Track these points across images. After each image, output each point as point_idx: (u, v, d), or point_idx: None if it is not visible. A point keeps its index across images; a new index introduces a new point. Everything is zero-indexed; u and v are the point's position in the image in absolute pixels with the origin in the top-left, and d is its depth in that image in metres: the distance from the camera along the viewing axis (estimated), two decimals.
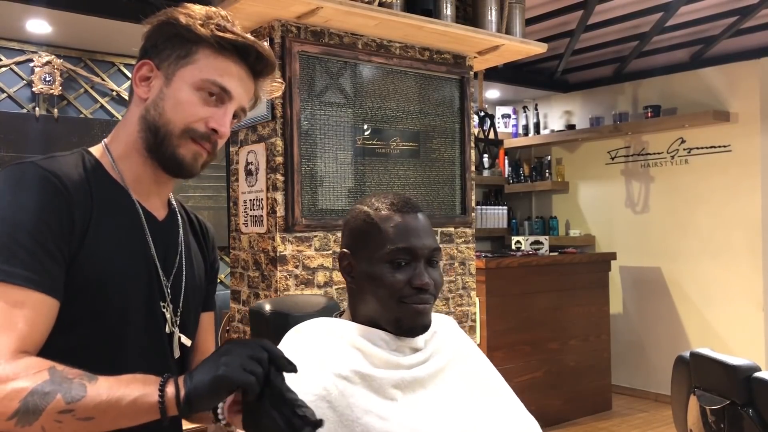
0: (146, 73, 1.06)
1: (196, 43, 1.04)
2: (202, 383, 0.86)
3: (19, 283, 0.89)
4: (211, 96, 1.04)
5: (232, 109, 1.07)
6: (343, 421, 1.07)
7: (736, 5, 3.83)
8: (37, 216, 0.93)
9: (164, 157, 1.05)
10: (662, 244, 5.05)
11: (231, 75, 1.05)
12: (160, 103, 1.04)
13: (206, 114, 1.04)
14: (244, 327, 2.83)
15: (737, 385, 2.02)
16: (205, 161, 1.08)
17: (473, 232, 3.25)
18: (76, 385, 0.84)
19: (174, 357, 1.10)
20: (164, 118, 1.04)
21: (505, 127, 5.95)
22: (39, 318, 0.91)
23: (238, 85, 1.06)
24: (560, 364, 4.46)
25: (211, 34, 1.03)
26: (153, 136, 1.04)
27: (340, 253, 1.25)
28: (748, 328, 4.57)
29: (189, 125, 1.03)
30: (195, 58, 1.04)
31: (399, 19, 2.72)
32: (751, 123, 4.59)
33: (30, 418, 0.83)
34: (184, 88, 1.04)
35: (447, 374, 1.22)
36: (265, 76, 1.12)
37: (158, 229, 1.10)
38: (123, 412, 0.85)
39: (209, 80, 1.04)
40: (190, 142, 1.04)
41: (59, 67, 4.16)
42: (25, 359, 0.86)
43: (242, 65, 1.07)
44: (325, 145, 2.76)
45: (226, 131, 1.05)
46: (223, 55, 1.05)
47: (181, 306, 1.11)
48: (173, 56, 1.05)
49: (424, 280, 1.16)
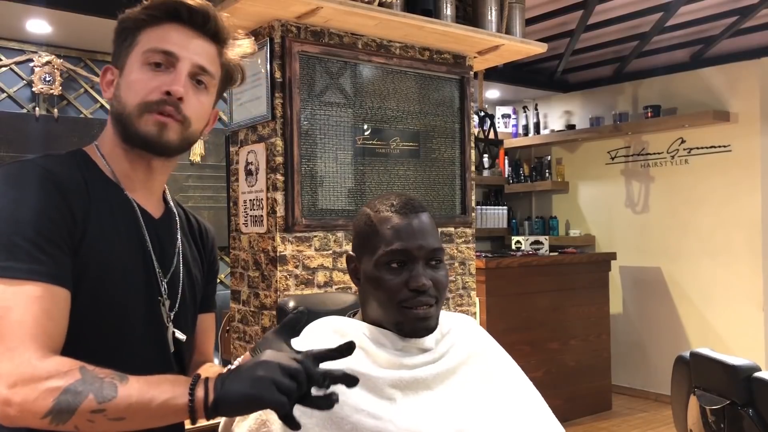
0: (110, 77, 1.10)
1: (137, 28, 1.07)
2: (233, 397, 0.86)
3: (33, 278, 0.90)
4: (158, 66, 1.05)
5: (184, 69, 1.06)
6: (332, 419, 1.06)
7: (736, 5, 3.83)
8: (40, 211, 0.93)
9: (132, 138, 1.06)
10: (662, 244, 5.05)
11: (170, 38, 1.06)
12: (119, 93, 1.07)
13: (157, 82, 1.04)
14: (244, 327, 2.83)
15: (737, 385, 2.02)
16: (178, 132, 1.06)
17: (473, 232, 3.25)
18: (107, 384, 0.85)
19: (170, 351, 1.10)
20: (122, 104, 1.05)
21: (505, 127, 5.95)
22: (57, 310, 0.92)
23: (182, 45, 1.06)
24: (560, 364, 4.46)
25: (141, 11, 1.06)
26: (120, 125, 1.06)
27: (347, 255, 1.25)
28: (748, 328, 4.57)
29: (142, 99, 1.04)
30: (138, 40, 1.07)
31: (399, 19, 2.72)
32: (751, 123, 4.59)
33: (63, 416, 0.84)
34: (133, 69, 1.06)
35: (459, 375, 1.19)
36: (219, 33, 1.11)
37: (155, 227, 1.11)
38: (153, 413, 0.86)
39: (149, 49, 1.05)
40: (147, 114, 1.04)
41: (59, 67, 4.16)
42: (54, 358, 0.87)
43: (182, 27, 1.08)
44: (325, 145, 2.76)
45: (178, 89, 1.04)
46: (160, 26, 1.06)
47: (178, 302, 1.12)
48: (123, 49, 1.08)
49: (420, 281, 1.13)
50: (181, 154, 1.14)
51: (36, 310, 0.89)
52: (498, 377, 1.24)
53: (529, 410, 1.22)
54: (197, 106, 1.08)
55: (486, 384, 1.21)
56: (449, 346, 1.21)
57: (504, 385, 1.23)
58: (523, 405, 1.22)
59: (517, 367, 1.30)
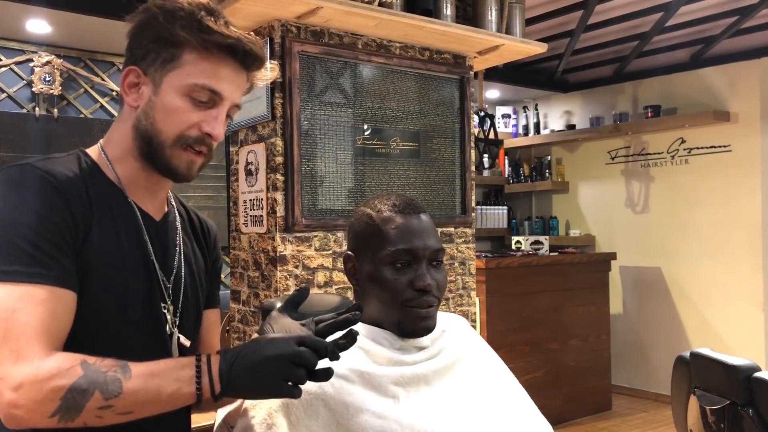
0: (134, 80, 1.04)
1: (181, 46, 1.00)
2: (241, 388, 0.90)
3: (37, 281, 0.90)
4: (201, 101, 1.02)
5: (225, 110, 1.05)
6: (338, 420, 1.07)
7: (736, 5, 3.83)
8: (41, 215, 0.93)
9: (159, 166, 1.05)
10: (662, 244, 5.05)
11: (220, 76, 1.02)
12: (151, 113, 1.02)
13: (198, 119, 1.02)
14: (244, 327, 2.83)
15: (737, 385, 2.02)
16: (201, 165, 1.07)
17: (473, 232, 3.25)
18: (111, 379, 0.86)
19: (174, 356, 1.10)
20: (155, 128, 1.02)
21: (505, 127, 5.95)
22: (63, 312, 0.93)
23: (228, 85, 1.04)
24: (560, 364, 4.46)
25: (195, 37, 1.00)
26: (147, 145, 1.03)
27: (344, 255, 1.25)
28: (748, 328, 4.57)
29: (181, 133, 1.02)
30: (181, 62, 1.01)
31: (399, 19, 2.72)
32: (751, 123, 4.59)
33: (72, 414, 0.85)
34: (173, 94, 1.01)
35: (455, 372, 1.21)
36: (257, 68, 1.10)
37: (156, 230, 1.10)
38: (161, 405, 0.89)
39: (198, 84, 1.01)
40: (183, 150, 1.03)
41: (59, 67, 4.16)
42: (56, 355, 0.88)
43: (231, 62, 1.04)
44: (325, 145, 2.76)
45: (219, 134, 1.04)
46: (210, 56, 1.01)
47: (181, 306, 1.11)
48: (159, 61, 1.02)
49: (426, 281, 1.15)
50: None
51: (41, 312, 0.89)
52: (488, 374, 1.26)
53: (518, 406, 1.25)
54: (222, 137, 1.07)
55: (478, 380, 1.23)
56: (445, 344, 1.23)
57: (494, 382, 1.26)
58: (512, 401, 1.25)
59: (504, 365, 1.33)
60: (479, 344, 1.32)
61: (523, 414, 1.23)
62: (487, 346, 1.34)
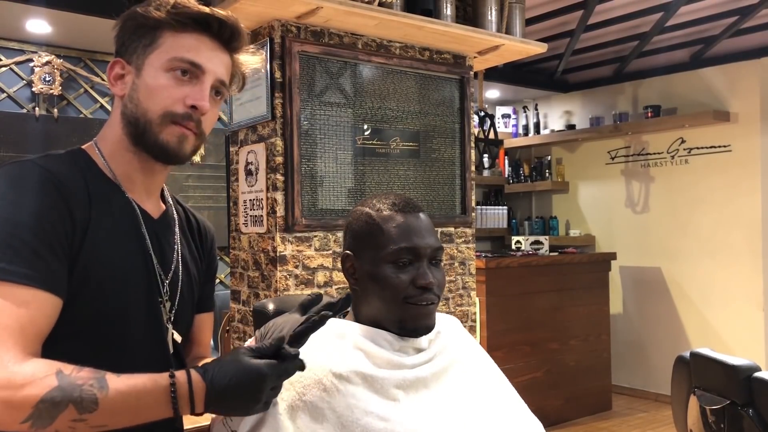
0: (119, 71, 1.07)
1: (158, 28, 1.04)
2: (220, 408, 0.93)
3: (24, 282, 0.89)
4: (183, 74, 1.03)
5: (209, 83, 1.05)
6: (343, 422, 1.07)
7: (736, 5, 3.83)
8: (39, 215, 0.93)
9: (149, 146, 1.04)
10: (662, 244, 5.05)
11: (198, 48, 1.04)
12: (135, 95, 1.04)
13: (182, 93, 1.03)
14: (244, 327, 2.83)
15: (737, 385, 2.02)
16: (193, 144, 1.07)
17: (473, 232, 3.25)
18: (87, 394, 0.84)
19: (170, 352, 1.11)
20: (141, 108, 1.03)
21: (505, 127, 5.95)
22: (43, 317, 0.91)
23: (208, 58, 1.05)
24: (560, 364, 4.46)
25: (167, 14, 1.03)
26: (135, 129, 1.04)
27: (342, 254, 1.25)
28: (748, 328, 4.57)
29: (166, 108, 1.03)
30: (159, 43, 1.04)
31: (399, 19, 2.72)
32: (751, 123, 4.59)
33: (44, 422, 0.84)
34: (154, 73, 1.03)
35: (451, 374, 1.21)
36: (238, 47, 1.11)
37: (154, 228, 1.10)
38: (137, 421, 0.88)
39: (176, 58, 1.03)
40: (172, 125, 1.03)
41: (59, 67, 4.16)
42: (32, 362, 0.86)
43: (208, 37, 1.06)
44: (325, 145, 2.76)
45: (205, 105, 1.04)
46: (186, 32, 1.04)
47: (177, 303, 1.12)
48: (140, 47, 1.05)
49: (428, 279, 1.15)
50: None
51: (21, 315, 0.88)
52: (481, 375, 1.27)
53: (510, 406, 1.25)
54: (212, 118, 1.08)
55: (473, 382, 1.23)
56: (441, 346, 1.23)
57: (487, 382, 1.26)
58: (504, 402, 1.25)
59: (494, 365, 1.34)
60: (472, 345, 1.33)
61: (515, 414, 1.24)
62: (479, 347, 1.35)
